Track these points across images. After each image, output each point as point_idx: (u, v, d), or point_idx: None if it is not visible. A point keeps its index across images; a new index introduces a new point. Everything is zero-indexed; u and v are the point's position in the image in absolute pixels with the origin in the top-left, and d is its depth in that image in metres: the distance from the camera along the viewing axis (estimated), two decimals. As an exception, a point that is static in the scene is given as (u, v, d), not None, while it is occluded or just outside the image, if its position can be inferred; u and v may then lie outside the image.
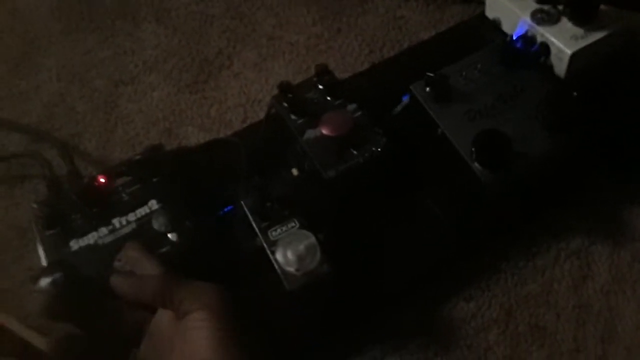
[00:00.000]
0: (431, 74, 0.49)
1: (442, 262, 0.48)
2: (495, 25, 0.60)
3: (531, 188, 0.48)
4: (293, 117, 0.52)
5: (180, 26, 0.72)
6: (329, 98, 0.53)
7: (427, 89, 0.50)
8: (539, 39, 0.54)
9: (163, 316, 0.40)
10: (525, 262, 0.49)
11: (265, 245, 0.45)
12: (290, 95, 0.51)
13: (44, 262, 0.46)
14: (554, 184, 0.48)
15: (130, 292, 0.39)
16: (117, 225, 0.47)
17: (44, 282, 0.42)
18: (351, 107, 0.52)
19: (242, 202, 0.47)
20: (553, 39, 0.53)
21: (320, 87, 0.54)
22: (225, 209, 0.52)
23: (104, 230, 0.46)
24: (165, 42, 0.71)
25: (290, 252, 0.43)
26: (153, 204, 0.47)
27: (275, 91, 0.63)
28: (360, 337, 0.46)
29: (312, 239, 0.43)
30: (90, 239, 0.46)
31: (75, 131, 0.65)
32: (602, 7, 0.53)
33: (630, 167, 0.50)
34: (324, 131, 0.49)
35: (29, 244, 0.57)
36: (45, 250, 0.46)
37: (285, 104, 0.53)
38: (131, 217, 0.47)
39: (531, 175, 0.47)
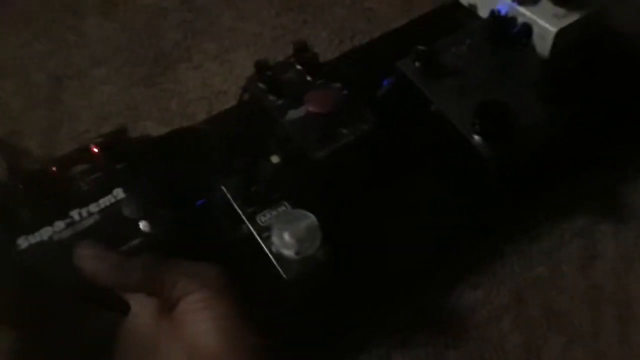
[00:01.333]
0: (422, 48, 0.46)
1: (444, 245, 0.44)
2: (471, 10, 0.58)
3: (531, 161, 0.45)
4: (272, 97, 0.47)
5: (129, 20, 0.66)
6: (309, 78, 0.49)
7: (416, 63, 0.47)
8: (520, 20, 0.53)
9: (140, 313, 0.33)
10: (530, 244, 0.46)
11: (254, 232, 0.39)
12: (269, 74, 0.47)
13: (-16, 264, 0.38)
14: (554, 158, 0.46)
15: (111, 275, 0.32)
16: (77, 217, 0.40)
17: (-14, 285, 0.35)
18: (335, 85, 0.47)
19: (222, 187, 0.42)
20: (536, 18, 0.52)
21: (299, 67, 0.49)
22: (198, 202, 0.46)
23: (60, 224, 0.39)
24: (114, 36, 0.65)
25: (288, 233, 0.37)
26: (119, 193, 0.41)
27: (242, 81, 0.59)
28: (363, 333, 0.41)
29: (313, 218, 0.38)
30: (43, 234, 0.39)
31: (12, 129, 0.57)
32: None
33: (629, 142, 0.49)
34: (310, 108, 0.45)
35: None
36: (-13, 250, 0.38)
37: (262, 85, 0.48)
38: (93, 207, 0.40)
39: (531, 147, 0.44)
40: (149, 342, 0.32)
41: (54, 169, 0.42)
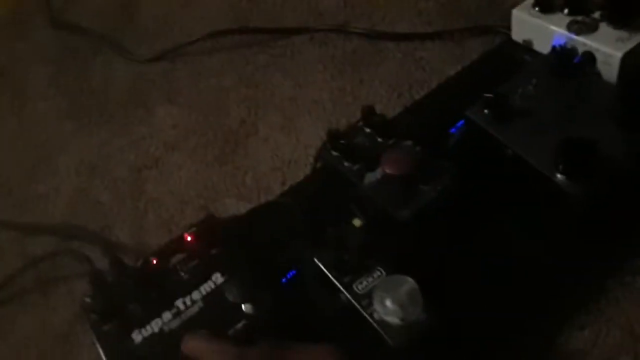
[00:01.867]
0: (489, 94, 0.47)
1: (543, 291, 0.43)
2: (527, 46, 0.58)
3: (619, 191, 0.44)
4: (347, 164, 0.49)
5: (195, 103, 0.70)
6: (379, 139, 0.50)
7: (486, 110, 0.48)
8: (581, 49, 0.52)
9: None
10: (632, 276, 0.44)
11: (353, 301, 0.40)
12: (342, 142, 0.48)
13: (105, 362, 0.40)
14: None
15: None
16: (182, 307, 0.41)
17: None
18: (407, 143, 0.48)
19: (314, 259, 0.43)
20: (598, 45, 0.51)
21: (368, 129, 0.51)
22: (289, 275, 0.47)
23: (167, 314, 0.41)
24: (183, 121, 0.68)
25: (390, 300, 0.37)
26: (217, 278, 0.42)
27: (310, 148, 0.61)
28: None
29: (412, 282, 0.38)
30: (154, 326, 0.41)
31: (104, 224, 0.60)
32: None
33: None
34: (388, 170, 0.45)
35: (73, 349, 0.51)
36: (105, 348, 0.40)
37: (336, 153, 0.49)
38: (196, 295, 0.42)
39: (617, 177, 0.43)
40: None
41: (154, 262, 0.44)
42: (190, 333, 0.39)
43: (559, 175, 0.43)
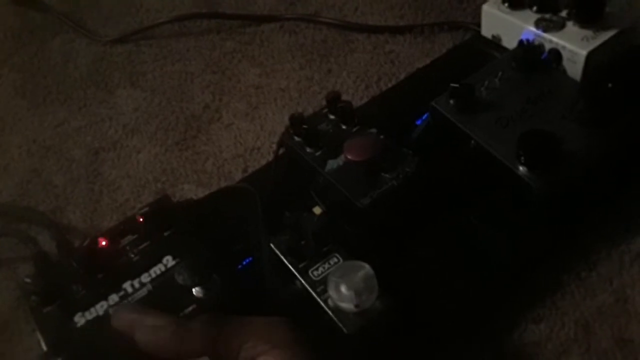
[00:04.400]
0: (455, 85, 0.46)
1: (501, 283, 0.43)
2: (495, 42, 0.58)
3: (580, 186, 0.44)
4: (309, 150, 0.47)
5: (158, 87, 0.68)
6: (344, 126, 0.49)
7: (451, 101, 0.47)
8: (548, 46, 0.53)
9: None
10: (588, 272, 0.44)
11: (308, 287, 0.39)
12: (305, 127, 0.47)
13: (43, 346, 0.38)
14: (602, 179, 0.45)
15: (172, 344, 0.31)
16: (130, 289, 0.40)
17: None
18: (371, 131, 0.47)
19: (271, 245, 0.41)
20: (564, 43, 0.51)
21: (332, 116, 0.50)
22: (244, 261, 0.45)
23: (114, 297, 0.39)
24: (145, 105, 0.66)
25: (345, 286, 0.36)
26: (168, 260, 0.41)
27: (274, 136, 0.60)
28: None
29: (368, 268, 0.37)
30: (99, 309, 0.39)
31: (56, 205, 0.58)
32: (607, 7, 0.52)
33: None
34: (350, 157, 0.45)
35: (13, 337, 0.48)
36: (44, 332, 0.38)
37: (298, 138, 0.48)
38: (145, 278, 0.40)
39: (579, 171, 0.43)
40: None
41: (103, 242, 0.42)
42: (120, 305, 0.37)
43: (520, 167, 0.43)
